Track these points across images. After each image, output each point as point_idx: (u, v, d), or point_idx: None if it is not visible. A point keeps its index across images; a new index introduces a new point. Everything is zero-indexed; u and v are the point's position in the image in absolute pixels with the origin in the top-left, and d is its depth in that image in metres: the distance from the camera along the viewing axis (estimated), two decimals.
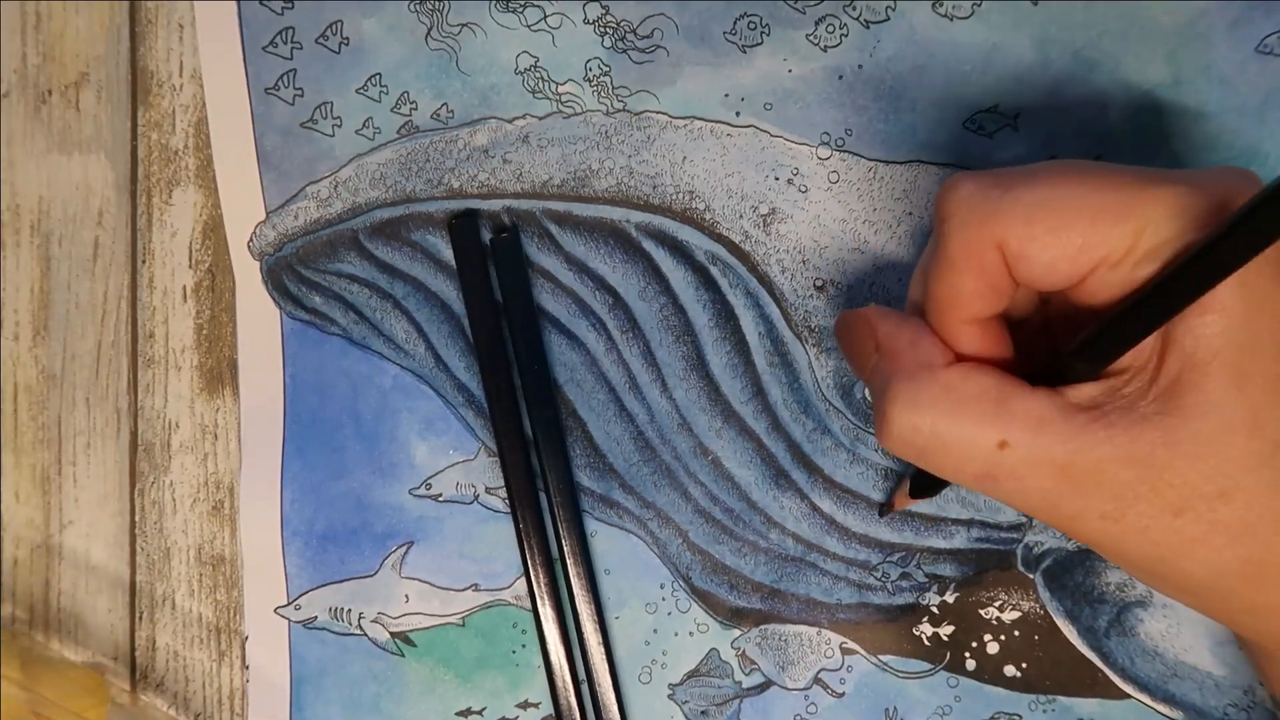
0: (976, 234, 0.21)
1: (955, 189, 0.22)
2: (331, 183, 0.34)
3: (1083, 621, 0.31)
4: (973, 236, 0.21)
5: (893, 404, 0.22)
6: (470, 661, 0.33)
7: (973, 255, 0.22)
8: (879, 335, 0.24)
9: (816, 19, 0.31)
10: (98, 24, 0.35)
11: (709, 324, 0.32)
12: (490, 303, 0.32)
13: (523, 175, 0.33)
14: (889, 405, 0.22)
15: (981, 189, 0.22)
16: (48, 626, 0.35)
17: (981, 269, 0.22)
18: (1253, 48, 0.30)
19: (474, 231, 0.32)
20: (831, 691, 0.32)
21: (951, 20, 0.31)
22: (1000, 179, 0.22)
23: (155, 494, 0.35)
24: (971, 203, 0.22)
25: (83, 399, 0.35)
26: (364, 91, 0.33)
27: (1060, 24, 0.30)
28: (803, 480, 0.32)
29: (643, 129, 0.32)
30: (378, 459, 0.34)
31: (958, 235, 0.22)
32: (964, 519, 0.32)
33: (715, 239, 0.32)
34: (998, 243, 0.21)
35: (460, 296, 0.33)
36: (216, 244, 0.34)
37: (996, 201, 0.21)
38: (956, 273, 0.22)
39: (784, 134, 0.32)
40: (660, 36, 0.32)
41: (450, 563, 0.33)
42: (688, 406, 0.33)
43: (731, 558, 0.32)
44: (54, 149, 0.35)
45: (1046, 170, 0.22)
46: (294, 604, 0.34)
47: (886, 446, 0.23)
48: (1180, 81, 0.30)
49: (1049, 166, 0.22)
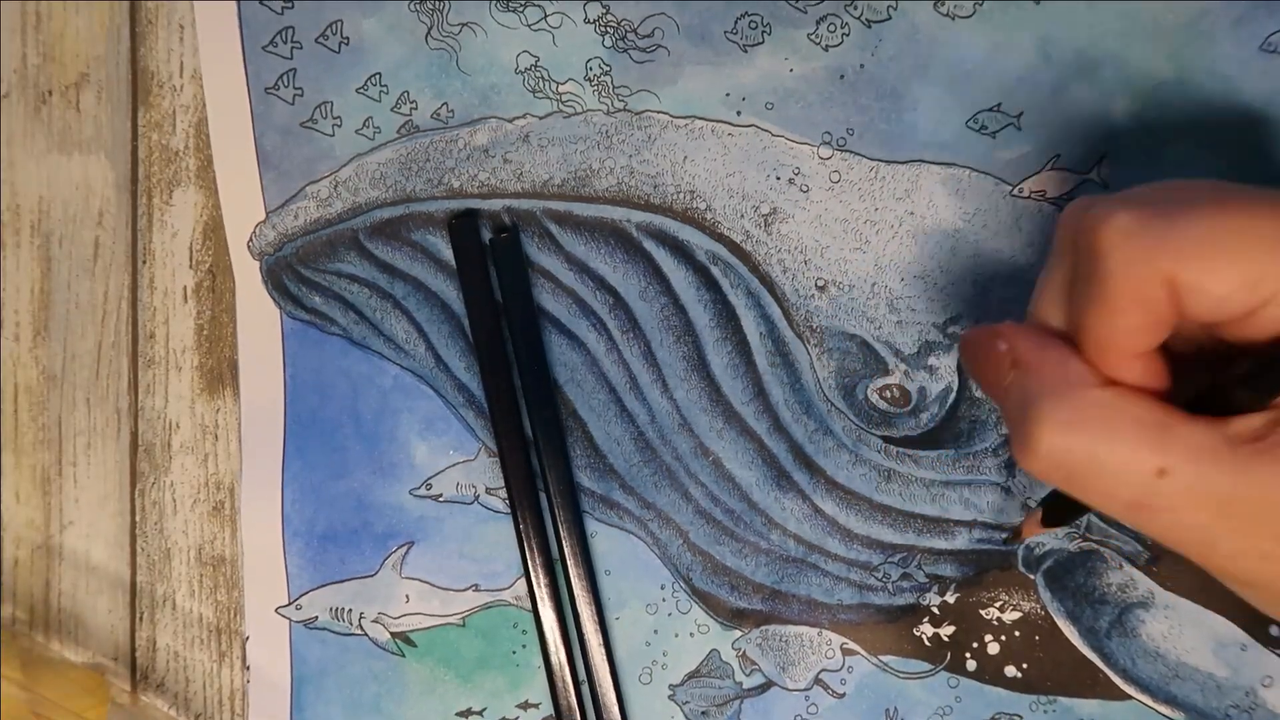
0: (1144, 270, 0.21)
1: (1111, 220, 0.21)
2: (331, 182, 0.34)
3: (1084, 622, 0.31)
4: (1140, 273, 0.21)
5: (1042, 423, 0.21)
6: (471, 662, 0.33)
7: (1140, 292, 0.21)
8: (1020, 351, 0.23)
9: (818, 18, 0.32)
10: (98, 24, 0.35)
11: (710, 324, 0.33)
12: (490, 303, 0.33)
13: (523, 175, 0.33)
14: (1037, 424, 0.21)
15: (1142, 221, 0.21)
16: (48, 627, 0.35)
17: (1147, 305, 0.21)
18: (1257, 46, 0.30)
19: (474, 232, 0.33)
20: (832, 692, 0.32)
21: (953, 19, 0.31)
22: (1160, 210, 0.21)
23: (155, 494, 0.35)
24: (1138, 238, 0.21)
25: (83, 399, 0.35)
26: (364, 91, 0.34)
27: (1063, 23, 0.30)
28: (804, 481, 0.32)
29: (643, 128, 0.32)
30: (378, 459, 0.34)
31: (1123, 272, 0.21)
32: (965, 520, 0.32)
33: (716, 239, 0.32)
34: (1167, 278, 0.20)
35: (460, 296, 0.33)
36: (217, 244, 0.35)
37: (1163, 234, 0.20)
38: (1120, 312, 0.21)
39: (785, 133, 0.32)
40: (661, 36, 0.32)
41: (450, 563, 0.33)
42: (688, 407, 0.33)
43: (732, 558, 0.33)
44: (54, 149, 0.35)
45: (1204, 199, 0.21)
46: (295, 604, 0.34)
47: (1029, 468, 0.22)
48: (1184, 80, 0.30)
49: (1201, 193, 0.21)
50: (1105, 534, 0.31)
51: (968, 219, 0.31)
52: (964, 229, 0.31)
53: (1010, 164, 0.31)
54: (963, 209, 0.31)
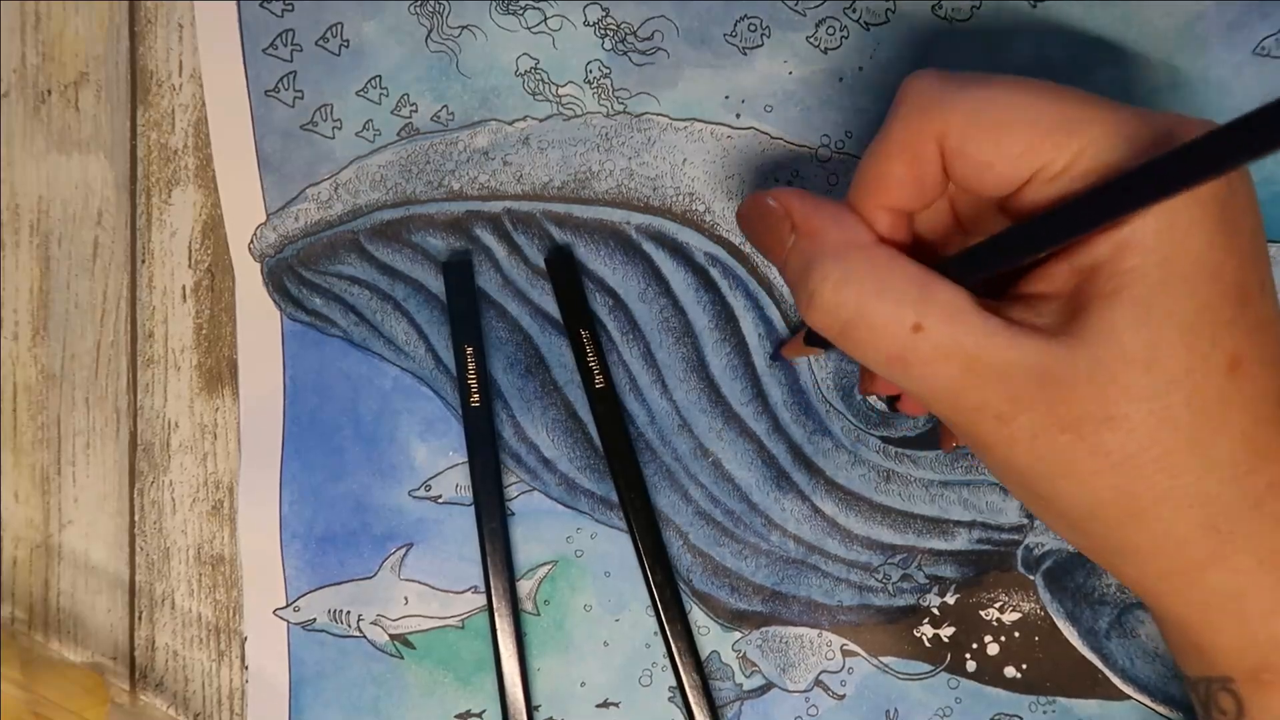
0: (919, 122, 0.23)
1: (915, 79, 0.23)
2: (332, 185, 0.35)
3: (1083, 623, 0.32)
4: (915, 124, 0.23)
5: (823, 281, 0.23)
6: (469, 664, 0.34)
7: (911, 142, 0.23)
8: (796, 215, 0.25)
9: (817, 21, 0.32)
10: (97, 24, 0.36)
11: (709, 325, 0.33)
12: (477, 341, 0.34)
13: (523, 177, 0.34)
14: (818, 281, 0.23)
15: (940, 83, 0.23)
16: (47, 626, 0.36)
17: (916, 157, 0.23)
18: (1250, 50, 0.31)
19: (469, 276, 0.34)
20: (832, 693, 0.33)
21: (951, 22, 0.32)
22: (959, 77, 0.23)
23: (155, 494, 0.36)
24: (923, 94, 0.23)
25: (82, 399, 0.36)
26: (364, 94, 0.34)
27: (1058, 27, 0.31)
28: (803, 482, 0.33)
29: (643, 131, 0.33)
30: (377, 461, 0.34)
31: (902, 120, 0.23)
32: (965, 520, 0.33)
33: (715, 241, 0.33)
34: (938, 135, 0.22)
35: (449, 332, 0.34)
36: (216, 244, 0.35)
37: (947, 95, 0.22)
38: (891, 157, 0.23)
39: (784, 136, 0.33)
40: (661, 39, 0.33)
41: (449, 565, 0.34)
42: (688, 408, 0.34)
43: (732, 560, 0.33)
44: (54, 149, 0.36)
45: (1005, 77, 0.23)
46: (293, 606, 0.34)
47: (812, 321, 0.23)
48: (1178, 84, 0.31)
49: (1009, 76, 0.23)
50: None
51: None
52: None
53: None
54: None
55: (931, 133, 0.22)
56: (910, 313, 0.22)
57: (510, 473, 0.34)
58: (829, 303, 0.23)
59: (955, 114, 0.22)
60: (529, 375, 0.34)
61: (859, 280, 0.23)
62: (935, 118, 0.22)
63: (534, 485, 0.34)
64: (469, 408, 0.33)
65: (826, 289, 0.23)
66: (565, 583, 0.34)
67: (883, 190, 0.24)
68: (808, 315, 0.23)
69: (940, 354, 0.22)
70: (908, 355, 0.22)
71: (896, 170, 0.23)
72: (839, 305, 0.23)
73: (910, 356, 0.22)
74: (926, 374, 0.22)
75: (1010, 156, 0.22)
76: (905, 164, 0.23)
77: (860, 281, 0.23)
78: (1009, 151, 0.22)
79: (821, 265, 0.23)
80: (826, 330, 0.23)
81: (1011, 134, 0.22)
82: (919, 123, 0.23)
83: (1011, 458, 0.22)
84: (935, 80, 0.23)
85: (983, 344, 0.21)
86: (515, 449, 0.34)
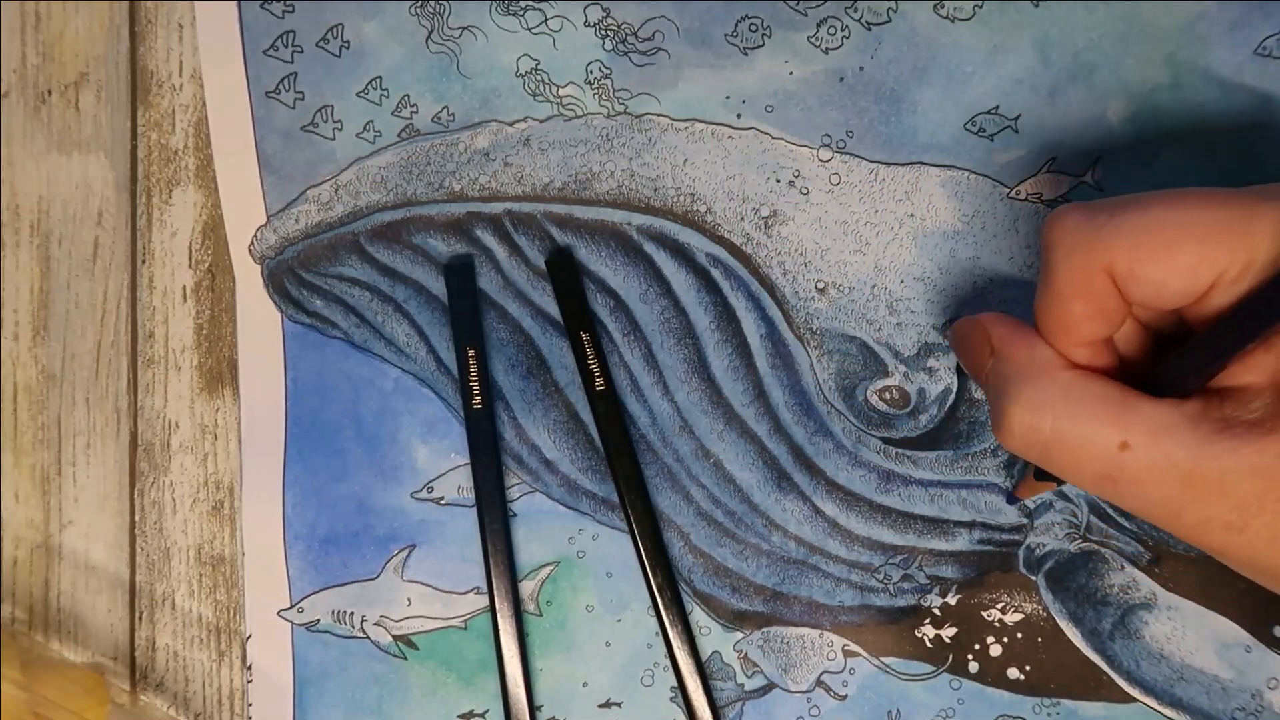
0: (1083, 259, 0.23)
1: (1061, 219, 0.24)
2: (332, 186, 0.35)
3: (1086, 624, 0.32)
4: (1080, 261, 0.23)
5: (1013, 403, 0.24)
6: (472, 664, 0.34)
7: (1079, 281, 0.23)
8: (994, 339, 0.25)
9: (818, 21, 0.33)
10: (97, 24, 0.36)
11: (710, 326, 0.34)
12: (479, 344, 0.34)
13: (524, 178, 0.34)
14: (1009, 404, 0.24)
15: (1087, 216, 0.23)
16: (48, 627, 0.36)
17: (1090, 294, 0.23)
18: (1251, 50, 0.31)
19: (470, 279, 0.34)
20: (834, 694, 0.33)
21: (953, 22, 0.32)
22: (1106, 206, 0.23)
23: (155, 494, 0.36)
24: (1078, 231, 0.23)
25: (82, 399, 0.36)
26: (365, 95, 0.35)
27: (1061, 26, 0.32)
28: (805, 483, 0.33)
29: (644, 131, 0.34)
30: (379, 462, 0.35)
31: (1064, 263, 0.23)
32: (965, 520, 0.33)
33: (716, 241, 0.34)
34: (1106, 266, 0.23)
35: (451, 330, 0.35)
36: (216, 244, 0.36)
37: (1103, 227, 0.23)
38: (1065, 300, 0.24)
39: (785, 136, 0.33)
40: (661, 39, 0.33)
41: (452, 566, 0.34)
42: (689, 409, 0.34)
43: (733, 560, 0.34)
44: (54, 149, 0.36)
45: (1156, 194, 0.23)
46: (296, 607, 0.35)
47: (1007, 445, 0.24)
48: (1179, 84, 0.31)
49: (1159, 192, 0.23)
50: (1106, 535, 0.32)
51: (966, 221, 0.32)
52: (963, 231, 0.32)
53: (1007, 166, 0.32)
54: (961, 211, 0.32)
55: (1099, 267, 0.23)
56: (1113, 431, 0.22)
57: (512, 474, 0.34)
58: (1019, 425, 0.24)
59: (1118, 245, 0.22)
60: (530, 377, 0.34)
61: (1050, 403, 0.23)
62: (1099, 251, 0.23)
63: (536, 486, 0.34)
64: (471, 409, 0.34)
65: (1015, 411, 0.24)
66: (567, 583, 0.34)
67: (1068, 330, 0.24)
68: (998, 435, 0.24)
69: (1152, 471, 0.22)
70: (1115, 474, 0.22)
71: (1075, 309, 0.24)
72: (1034, 429, 0.23)
73: (1119, 475, 0.22)
74: (1140, 492, 0.22)
75: (1184, 272, 0.22)
76: (1082, 301, 0.23)
77: (1052, 404, 0.23)
78: (1182, 268, 0.22)
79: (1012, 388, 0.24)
80: (1024, 453, 0.24)
81: (1182, 251, 0.22)
82: (1083, 259, 0.23)
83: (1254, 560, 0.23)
84: (1083, 215, 0.23)
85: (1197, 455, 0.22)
86: (517, 450, 0.34)
